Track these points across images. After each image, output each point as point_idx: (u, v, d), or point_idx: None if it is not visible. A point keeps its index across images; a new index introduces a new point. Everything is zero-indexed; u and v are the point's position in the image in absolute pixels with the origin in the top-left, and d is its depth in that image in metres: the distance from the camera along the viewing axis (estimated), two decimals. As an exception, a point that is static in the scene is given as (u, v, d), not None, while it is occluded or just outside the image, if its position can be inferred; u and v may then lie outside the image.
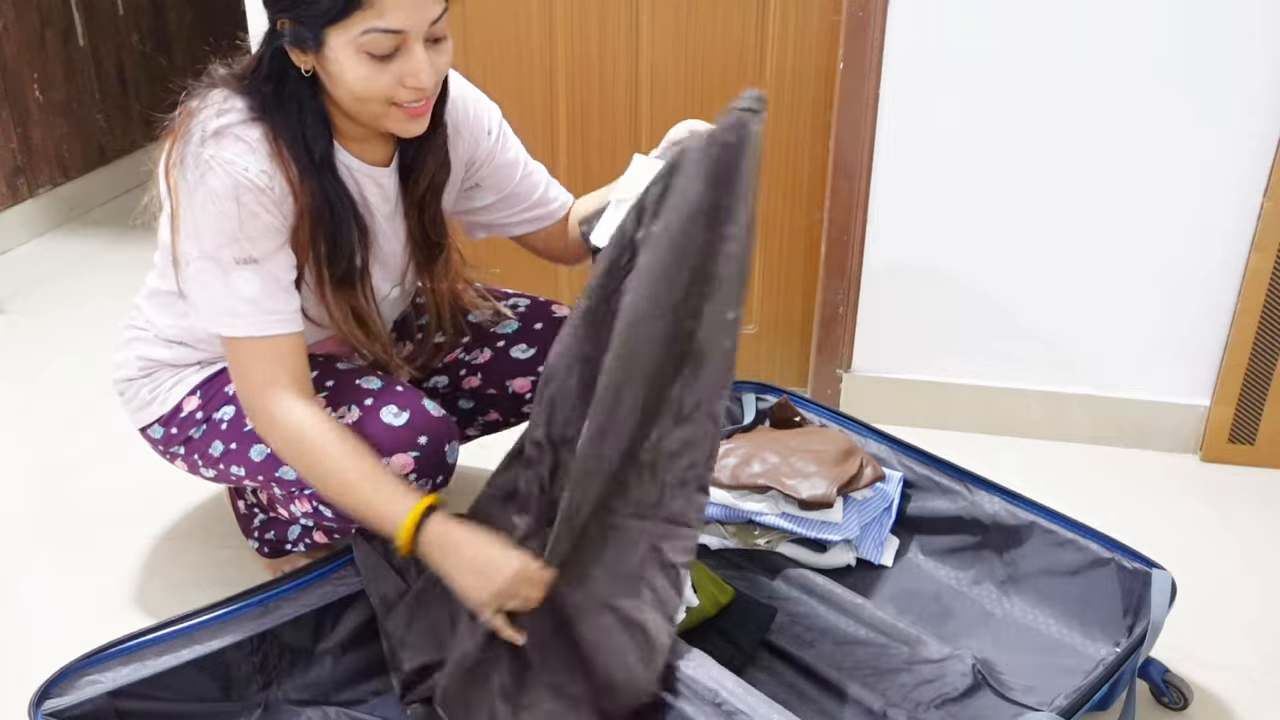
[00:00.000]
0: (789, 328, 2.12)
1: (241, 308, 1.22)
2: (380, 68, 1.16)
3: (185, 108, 1.25)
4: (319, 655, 1.36)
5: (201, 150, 1.19)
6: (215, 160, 1.18)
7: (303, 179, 1.23)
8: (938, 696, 1.31)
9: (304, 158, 1.23)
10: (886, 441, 1.70)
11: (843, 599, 1.48)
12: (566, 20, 1.94)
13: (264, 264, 1.22)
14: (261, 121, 1.22)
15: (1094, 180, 1.84)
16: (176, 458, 1.45)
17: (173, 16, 3.61)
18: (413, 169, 1.36)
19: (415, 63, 1.17)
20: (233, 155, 1.18)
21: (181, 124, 1.23)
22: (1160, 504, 1.84)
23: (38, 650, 1.45)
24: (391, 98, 1.19)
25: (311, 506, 1.37)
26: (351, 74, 1.16)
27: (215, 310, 1.23)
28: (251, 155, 1.19)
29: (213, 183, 1.18)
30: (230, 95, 1.23)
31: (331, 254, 1.28)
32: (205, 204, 1.19)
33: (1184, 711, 1.39)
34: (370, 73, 1.16)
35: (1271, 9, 1.68)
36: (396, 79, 1.17)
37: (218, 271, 1.21)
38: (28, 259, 2.85)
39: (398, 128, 1.23)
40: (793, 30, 1.88)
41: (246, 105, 1.22)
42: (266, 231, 1.21)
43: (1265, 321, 1.86)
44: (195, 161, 1.19)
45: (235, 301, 1.22)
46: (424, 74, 1.17)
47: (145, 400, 1.43)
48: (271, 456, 1.33)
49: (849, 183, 1.91)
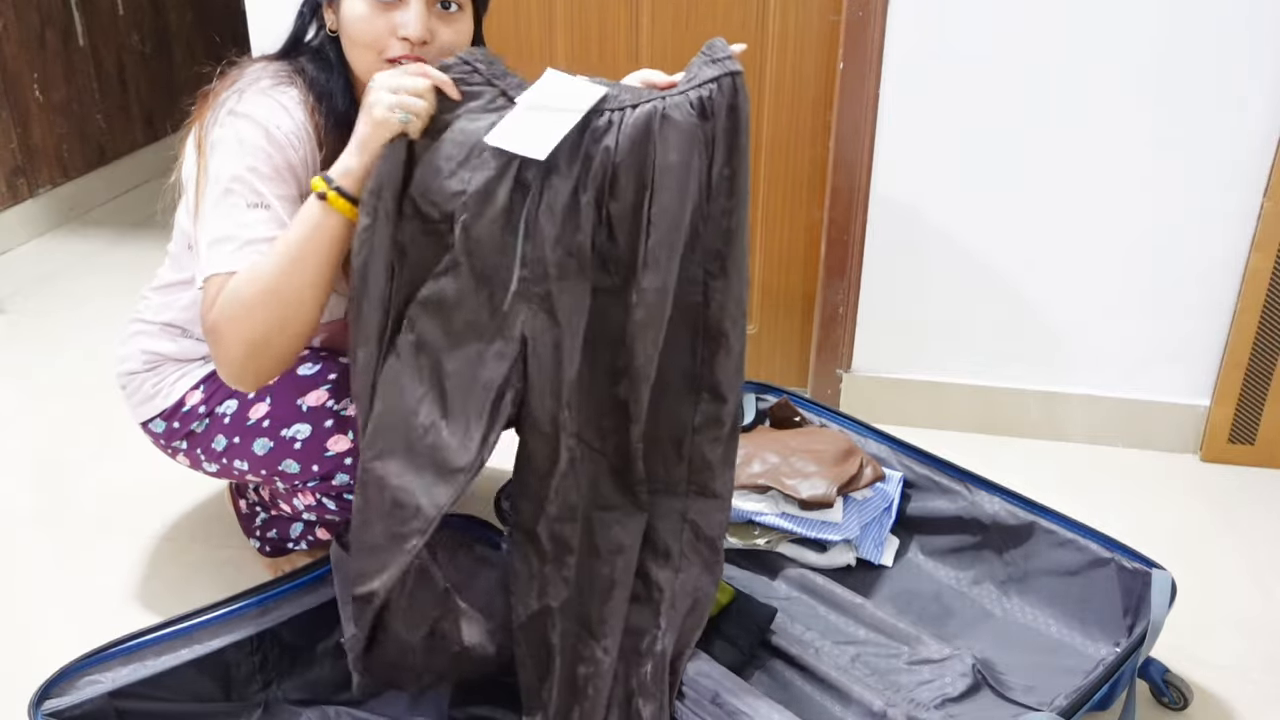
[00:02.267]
0: (789, 328, 2.12)
1: (243, 243, 1.18)
2: (378, 11, 1.20)
3: (222, 76, 1.31)
4: (319, 655, 1.36)
5: (238, 105, 1.23)
6: (247, 114, 1.22)
7: (328, 133, 1.27)
8: (938, 696, 1.31)
9: (329, 114, 1.27)
10: (886, 441, 1.70)
11: (843, 599, 1.48)
12: (566, 20, 1.95)
13: (275, 209, 1.22)
14: (294, 82, 1.27)
15: (1094, 180, 1.84)
16: (178, 452, 1.45)
17: (173, 16, 3.61)
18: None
19: (409, 13, 1.20)
20: (262, 112, 1.23)
21: (216, 90, 1.28)
22: (1160, 504, 1.84)
23: (38, 650, 1.45)
24: (384, 49, 1.22)
25: (315, 499, 1.37)
26: (351, 14, 1.22)
27: (216, 242, 1.19)
28: (281, 113, 1.24)
29: (241, 130, 1.22)
30: (267, 65, 1.30)
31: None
32: (230, 146, 1.22)
33: (1184, 711, 1.38)
34: (368, 12, 1.21)
35: (1272, 9, 1.68)
36: (390, 28, 1.21)
37: (229, 206, 1.20)
38: (28, 259, 2.85)
39: None
40: (793, 30, 1.88)
41: (280, 68, 1.29)
42: (282, 180, 1.24)
43: (1265, 321, 1.86)
44: (229, 117, 1.23)
45: (240, 238, 1.18)
46: (414, 26, 1.19)
47: (148, 394, 1.43)
48: (274, 451, 1.33)
49: (849, 182, 1.91)
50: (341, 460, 1.31)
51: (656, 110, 1.10)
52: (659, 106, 1.10)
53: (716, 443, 1.22)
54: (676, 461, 1.25)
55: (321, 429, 1.32)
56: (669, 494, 1.26)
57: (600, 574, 1.24)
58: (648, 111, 1.11)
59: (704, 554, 1.27)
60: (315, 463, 1.32)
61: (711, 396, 1.21)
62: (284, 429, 1.33)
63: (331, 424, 1.32)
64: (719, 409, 1.22)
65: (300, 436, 1.32)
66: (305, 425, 1.32)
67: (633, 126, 1.11)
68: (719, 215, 1.15)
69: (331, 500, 1.35)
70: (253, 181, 1.21)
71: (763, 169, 1.99)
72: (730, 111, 1.12)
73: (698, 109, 1.11)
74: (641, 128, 1.11)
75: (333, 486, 1.34)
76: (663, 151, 1.10)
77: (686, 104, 1.11)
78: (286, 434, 1.33)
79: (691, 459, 1.24)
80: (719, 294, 1.18)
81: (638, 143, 1.11)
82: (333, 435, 1.31)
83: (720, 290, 1.18)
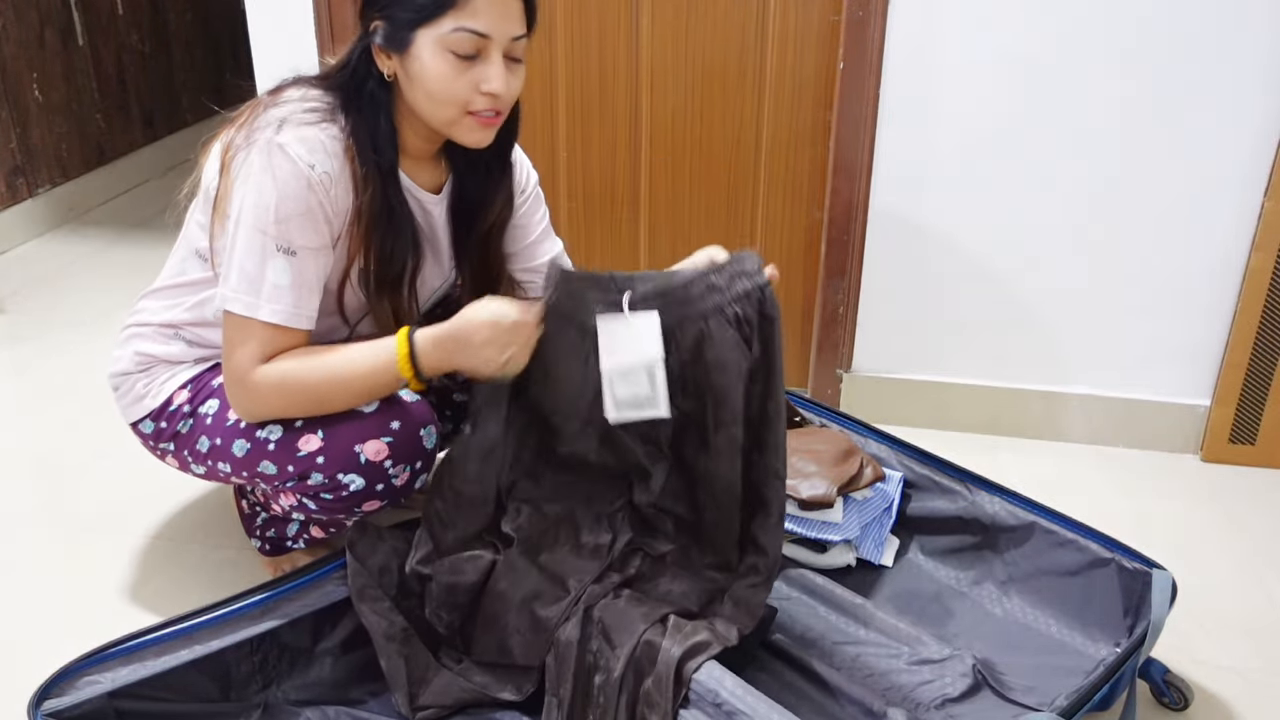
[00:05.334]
0: (789, 328, 2.12)
1: (266, 289, 1.25)
2: (460, 68, 1.23)
3: (258, 99, 1.31)
4: (319, 655, 1.36)
5: (275, 136, 1.23)
6: (286, 148, 1.23)
7: (367, 180, 1.28)
8: (938, 696, 1.31)
9: (371, 161, 1.28)
10: (886, 441, 1.70)
11: (843, 599, 1.48)
12: (566, 20, 1.95)
13: (300, 258, 1.25)
14: (337, 120, 1.27)
15: (1094, 180, 1.84)
16: (167, 454, 1.46)
17: (173, 16, 3.61)
18: (480, 204, 1.43)
19: (493, 69, 1.24)
20: (303, 150, 1.23)
21: (252, 112, 1.28)
22: (1160, 504, 1.84)
23: (37, 650, 1.45)
24: (466, 103, 1.25)
25: (296, 499, 1.38)
26: (433, 71, 1.23)
27: (242, 278, 1.25)
28: (321, 153, 1.24)
29: (279, 167, 1.22)
30: (309, 92, 1.29)
31: (385, 256, 1.32)
32: (265, 183, 1.23)
33: (1184, 711, 1.38)
34: (450, 71, 1.23)
35: (1272, 9, 1.68)
36: (473, 84, 1.24)
37: (259, 246, 1.24)
38: (27, 259, 2.85)
39: (468, 136, 1.29)
40: (793, 30, 1.88)
41: (325, 104, 1.28)
42: (313, 228, 1.25)
43: (1265, 321, 1.86)
44: (267, 146, 1.23)
45: (263, 281, 1.25)
46: (498, 81, 1.24)
47: (138, 395, 1.43)
48: (251, 452, 1.33)
49: (849, 183, 1.91)
50: (314, 459, 1.31)
51: (703, 334, 1.29)
52: (703, 329, 1.29)
53: (755, 589, 1.34)
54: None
55: (292, 428, 1.32)
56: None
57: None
58: (695, 335, 1.29)
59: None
60: (290, 463, 1.32)
61: (755, 550, 1.35)
62: (259, 430, 1.33)
63: (301, 424, 1.32)
64: (759, 560, 1.35)
65: (273, 437, 1.33)
66: (276, 426, 1.33)
67: (691, 341, 1.30)
68: (757, 398, 1.30)
69: (311, 500, 1.35)
70: (283, 225, 1.23)
71: (763, 169, 1.99)
72: (762, 320, 1.28)
73: (734, 323, 1.27)
74: (693, 344, 1.30)
75: (309, 486, 1.33)
76: (713, 351, 1.29)
77: (723, 320, 1.28)
78: (261, 435, 1.33)
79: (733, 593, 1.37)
80: (759, 469, 1.32)
81: (693, 352, 1.30)
82: (303, 435, 1.31)
83: (759, 465, 1.32)
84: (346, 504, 1.34)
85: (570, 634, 1.28)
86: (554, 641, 1.29)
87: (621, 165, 2.05)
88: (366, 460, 1.31)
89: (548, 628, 1.30)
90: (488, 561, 1.35)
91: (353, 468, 1.31)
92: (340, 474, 1.31)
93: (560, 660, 1.28)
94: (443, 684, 1.32)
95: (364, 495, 1.33)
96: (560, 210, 2.09)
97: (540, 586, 1.33)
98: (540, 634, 1.30)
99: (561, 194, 2.07)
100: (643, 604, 1.30)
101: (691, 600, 1.34)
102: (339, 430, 1.30)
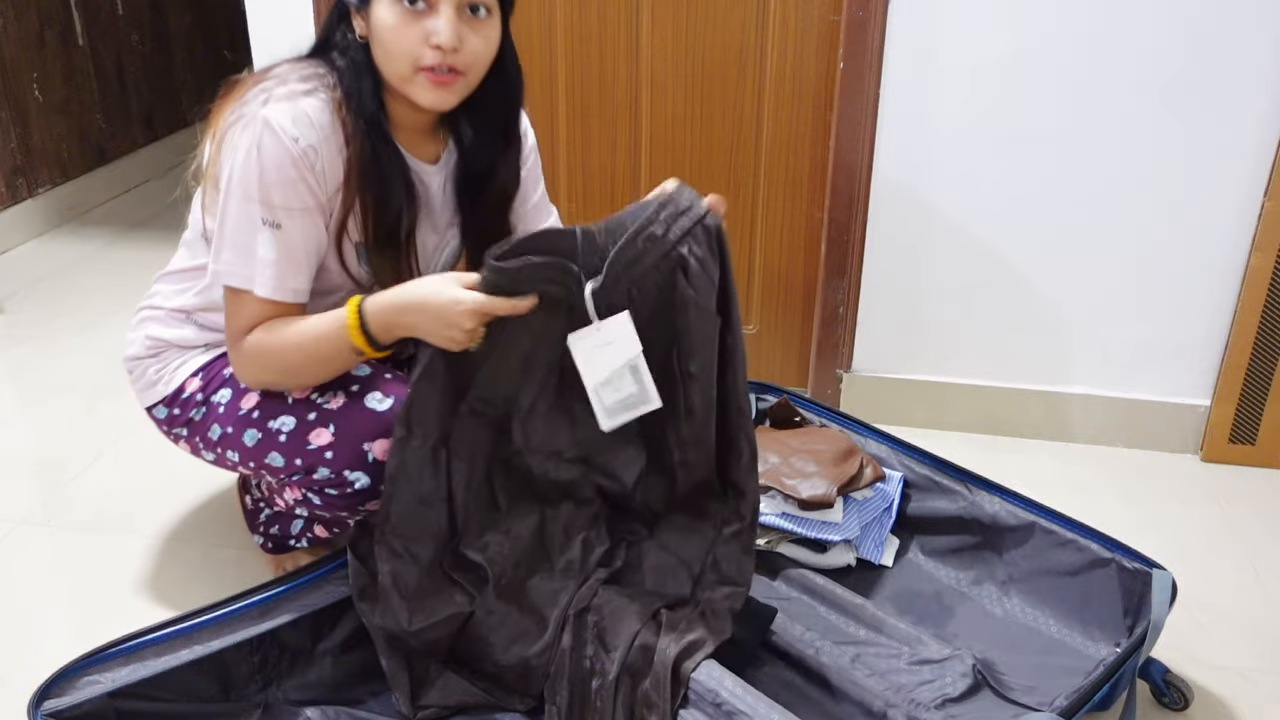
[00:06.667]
0: (789, 328, 2.12)
1: (256, 262, 1.27)
2: (409, 19, 1.22)
3: (246, 76, 1.32)
4: (319, 655, 1.36)
5: (262, 110, 1.24)
6: (271, 122, 1.23)
7: (355, 134, 1.28)
8: (938, 696, 1.31)
9: (356, 114, 1.28)
10: (886, 441, 1.70)
11: (843, 599, 1.48)
12: (566, 20, 1.95)
13: (286, 231, 1.26)
14: (322, 88, 1.28)
15: (1094, 180, 1.84)
16: (180, 439, 1.47)
17: (173, 16, 3.61)
18: (488, 177, 1.42)
19: (441, 20, 1.22)
20: (288, 122, 1.24)
21: (241, 87, 1.30)
22: (1160, 504, 1.84)
23: (38, 650, 1.45)
24: (417, 58, 1.24)
25: (301, 494, 1.38)
26: (385, 23, 1.23)
27: (232, 252, 1.27)
28: (306, 125, 1.25)
29: (265, 142, 1.23)
30: (294, 66, 1.30)
31: (380, 202, 1.32)
32: (251, 157, 1.24)
33: (1184, 712, 1.38)
34: (399, 22, 1.22)
35: (1272, 9, 1.68)
36: (422, 36, 1.23)
37: (247, 220, 1.26)
38: (27, 259, 2.85)
39: (423, 96, 1.27)
40: (793, 30, 1.88)
41: (309, 68, 1.30)
42: (298, 200, 1.26)
43: (1266, 321, 1.86)
44: (252, 120, 1.24)
45: (252, 255, 1.27)
46: (446, 33, 1.22)
47: (151, 380, 1.45)
48: (262, 442, 1.34)
49: (849, 182, 1.91)
50: (322, 454, 1.31)
51: (657, 287, 1.26)
52: (657, 282, 1.26)
53: (739, 535, 1.34)
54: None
55: (305, 421, 1.32)
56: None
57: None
58: (651, 295, 1.27)
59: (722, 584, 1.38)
60: (298, 455, 1.32)
61: (735, 493, 1.35)
62: (271, 420, 1.34)
63: (314, 417, 1.32)
64: (739, 503, 1.35)
65: (285, 429, 1.33)
66: (290, 418, 1.33)
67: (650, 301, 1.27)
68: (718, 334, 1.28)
69: (315, 495, 1.35)
70: (269, 196, 1.24)
71: (763, 169, 1.99)
72: (709, 253, 1.26)
73: (682, 266, 1.25)
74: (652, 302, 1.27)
75: (314, 481, 1.33)
76: (671, 302, 1.27)
77: (672, 266, 1.25)
78: (273, 426, 1.33)
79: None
80: (723, 408, 1.32)
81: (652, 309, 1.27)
82: (314, 429, 1.32)
83: (723, 404, 1.31)
84: (350, 501, 1.34)
85: (564, 641, 1.28)
86: (549, 647, 1.30)
87: (621, 165, 2.05)
88: (374, 459, 1.31)
89: (537, 664, 1.30)
90: (465, 615, 1.32)
91: (360, 466, 1.31)
92: (347, 470, 1.31)
93: (556, 667, 1.28)
94: (445, 683, 1.32)
95: (369, 494, 1.33)
96: (560, 210, 2.08)
97: (522, 625, 1.32)
98: (532, 671, 1.30)
99: (561, 193, 2.07)
100: (634, 600, 1.30)
101: (682, 578, 1.33)
102: (351, 426, 1.31)
